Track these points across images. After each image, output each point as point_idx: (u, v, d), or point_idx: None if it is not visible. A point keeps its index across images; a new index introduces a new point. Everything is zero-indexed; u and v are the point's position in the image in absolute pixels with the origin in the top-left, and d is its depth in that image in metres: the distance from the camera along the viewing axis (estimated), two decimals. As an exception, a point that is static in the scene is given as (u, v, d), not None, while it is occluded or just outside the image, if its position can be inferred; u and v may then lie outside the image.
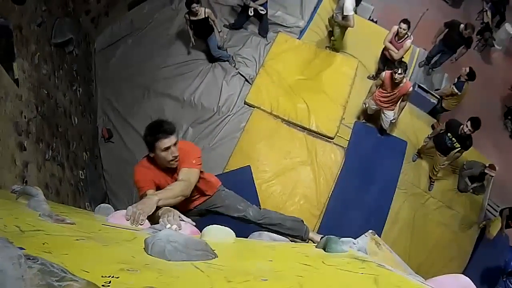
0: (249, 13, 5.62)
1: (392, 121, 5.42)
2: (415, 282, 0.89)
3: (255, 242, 1.53)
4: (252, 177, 4.96)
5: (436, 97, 5.99)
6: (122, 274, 0.68)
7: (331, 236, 1.51)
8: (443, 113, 6.19)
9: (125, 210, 1.60)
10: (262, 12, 5.66)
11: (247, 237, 1.61)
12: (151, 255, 0.89)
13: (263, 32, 6.11)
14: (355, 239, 1.21)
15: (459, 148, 5.15)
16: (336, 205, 5.11)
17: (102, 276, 0.64)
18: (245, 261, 1.08)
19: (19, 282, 0.48)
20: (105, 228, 1.22)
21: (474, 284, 0.97)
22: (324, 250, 1.26)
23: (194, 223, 1.77)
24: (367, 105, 5.38)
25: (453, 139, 5.11)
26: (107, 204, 1.91)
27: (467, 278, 1.02)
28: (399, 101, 5.11)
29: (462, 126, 4.96)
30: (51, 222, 1.05)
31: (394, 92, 4.95)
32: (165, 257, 0.88)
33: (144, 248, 0.92)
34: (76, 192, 4.20)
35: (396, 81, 4.76)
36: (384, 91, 5.04)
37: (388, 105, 5.19)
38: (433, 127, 5.86)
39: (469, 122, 4.90)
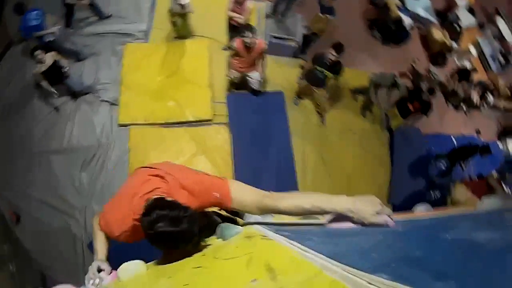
0: None
1: (261, 80, 5.50)
2: (291, 249, 0.99)
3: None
4: None
5: (292, 40, 6.13)
6: None
7: (222, 224, 1.75)
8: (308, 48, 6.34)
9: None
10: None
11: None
12: None
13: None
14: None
15: (332, 75, 5.33)
16: (243, 178, 5.15)
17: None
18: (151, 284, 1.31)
19: None
20: None
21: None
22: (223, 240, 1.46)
23: (110, 268, 1.68)
24: (232, 77, 5.43)
25: (323, 70, 5.27)
26: (64, 285, 1.83)
27: None
28: (259, 60, 5.20)
29: (327, 55, 5.12)
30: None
31: (251, 55, 5.02)
32: None
33: None
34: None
35: (249, 46, 4.83)
36: (241, 58, 5.09)
37: (249, 68, 5.27)
38: (302, 67, 5.99)
39: (332, 49, 5.08)
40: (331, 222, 1.36)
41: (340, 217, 1.30)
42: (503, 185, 6.66)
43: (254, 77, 5.37)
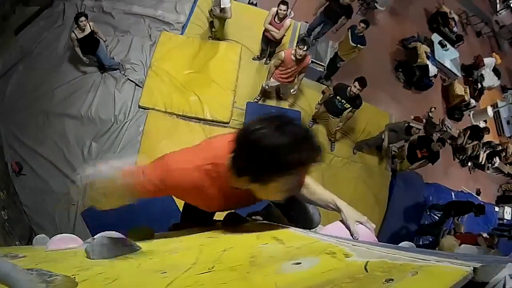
0: None
1: (293, 93, 5.67)
2: (292, 229, 1.26)
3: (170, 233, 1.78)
4: None
5: (320, 64, 6.31)
6: (80, 273, 0.88)
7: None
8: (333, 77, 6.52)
9: (60, 235, 1.60)
10: None
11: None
12: (93, 259, 1.08)
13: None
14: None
15: (350, 108, 5.47)
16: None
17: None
18: (161, 246, 1.34)
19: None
20: (50, 254, 1.36)
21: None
22: None
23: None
24: (268, 86, 5.56)
25: (343, 101, 5.38)
26: (42, 235, 1.87)
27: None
28: (301, 74, 5.38)
29: (349, 87, 5.22)
30: (9, 260, 1.17)
31: (295, 68, 5.18)
32: (103, 257, 1.08)
33: (86, 256, 1.11)
34: (5, 235, 4.16)
35: (300, 57, 4.96)
36: (286, 68, 5.23)
37: (290, 79, 5.42)
38: (323, 93, 6.15)
39: (356, 82, 5.14)
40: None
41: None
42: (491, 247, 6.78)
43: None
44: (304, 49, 4.84)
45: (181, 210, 2.10)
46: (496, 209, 8.60)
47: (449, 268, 0.58)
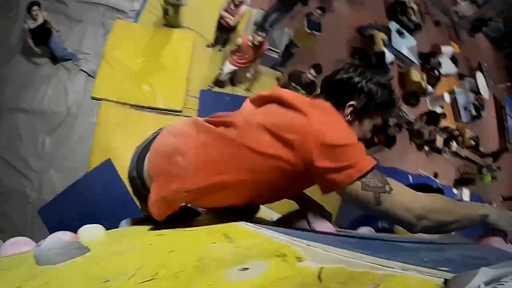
0: None
1: (249, 77, 5.79)
2: (244, 225, 1.13)
3: (124, 229, 1.71)
4: (115, 169, 4.95)
5: (275, 51, 6.38)
6: (27, 283, 0.85)
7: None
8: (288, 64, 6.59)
9: (12, 239, 1.56)
10: None
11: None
12: (40, 265, 1.03)
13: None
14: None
15: (305, 95, 5.54)
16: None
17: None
18: (110, 246, 1.28)
19: None
20: (2, 261, 1.32)
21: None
22: None
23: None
24: (224, 73, 5.62)
25: (298, 87, 5.43)
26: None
27: None
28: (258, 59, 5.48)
29: (305, 74, 5.30)
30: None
31: (253, 54, 5.25)
32: (51, 262, 1.03)
33: (35, 262, 1.05)
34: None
35: (257, 44, 5.03)
36: (243, 54, 5.29)
37: (246, 65, 5.50)
38: (278, 80, 6.23)
39: (311, 69, 5.23)
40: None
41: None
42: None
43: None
44: (263, 35, 4.92)
45: None
46: (455, 191, 8.92)
47: (416, 279, 0.53)
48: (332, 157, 1.04)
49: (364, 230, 2.04)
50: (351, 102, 1.18)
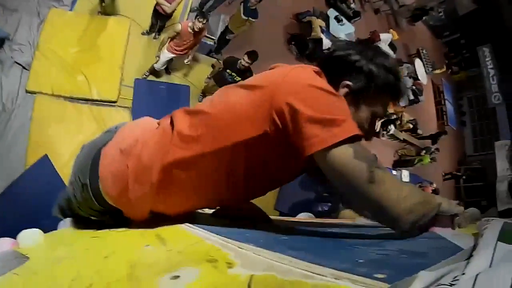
0: None
1: (187, 63, 5.93)
2: (178, 226, 1.11)
3: (62, 231, 1.60)
4: (53, 166, 4.91)
5: (212, 39, 6.58)
6: None
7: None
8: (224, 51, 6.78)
9: None
10: None
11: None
12: None
13: None
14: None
15: (240, 79, 5.76)
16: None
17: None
18: (50, 252, 1.22)
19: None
20: None
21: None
22: None
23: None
24: (161, 59, 5.69)
25: (233, 74, 5.58)
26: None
27: None
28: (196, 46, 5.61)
29: (240, 60, 5.45)
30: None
31: (192, 41, 5.37)
32: None
33: None
34: None
35: (197, 30, 5.15)
36: (181, 41, 5.38)
37: (184, 52, 5.62)
38: (213, 66, 6.40)
39: (246, 56, 5.38)
40: None
41: None
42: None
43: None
44: (204, 22, 5.04)
45: None
46: (394, 172, 9.45)
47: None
48: (315, 104, 0.87)
49: (304, 215, 2.04)
50: (347, 82, 1.04)
